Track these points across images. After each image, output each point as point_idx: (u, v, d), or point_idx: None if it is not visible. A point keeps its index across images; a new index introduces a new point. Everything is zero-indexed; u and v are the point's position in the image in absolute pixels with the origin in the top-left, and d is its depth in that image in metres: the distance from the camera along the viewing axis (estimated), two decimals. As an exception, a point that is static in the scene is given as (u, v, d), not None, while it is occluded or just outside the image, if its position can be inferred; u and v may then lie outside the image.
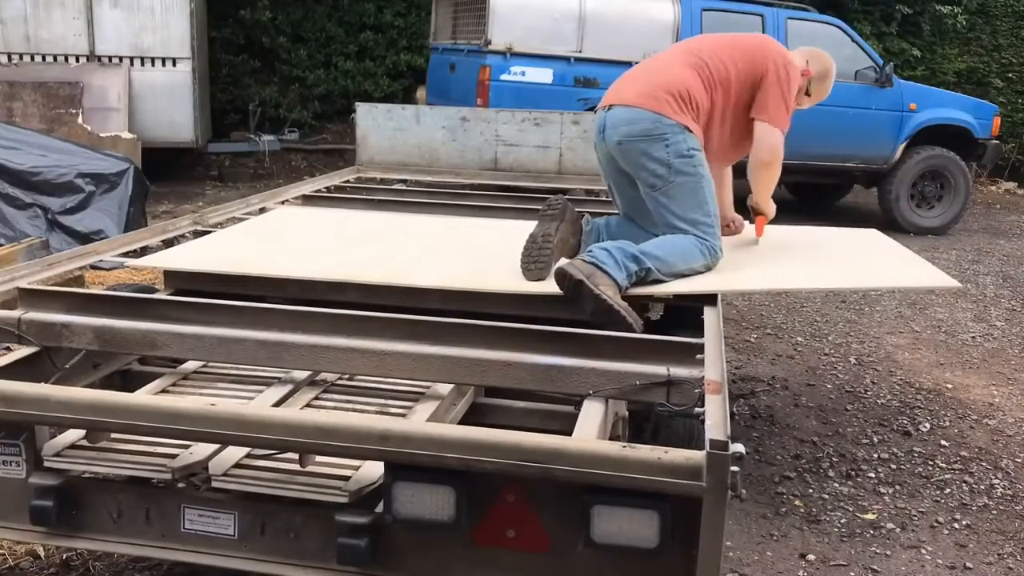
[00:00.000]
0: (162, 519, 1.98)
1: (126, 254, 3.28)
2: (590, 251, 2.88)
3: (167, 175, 9.41)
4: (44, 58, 9.25)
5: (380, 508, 1.84)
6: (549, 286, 2.85)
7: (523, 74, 8.27)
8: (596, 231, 3.25)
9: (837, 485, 3.63)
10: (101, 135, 8.59)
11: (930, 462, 3.90)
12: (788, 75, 3.25)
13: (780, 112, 3.25)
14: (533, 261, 2.94)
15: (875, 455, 3.93)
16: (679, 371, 2.20)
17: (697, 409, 2.03)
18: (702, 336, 2.39)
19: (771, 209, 3.53)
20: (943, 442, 4.11)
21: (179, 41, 9.43)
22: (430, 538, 1.84)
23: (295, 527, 1.93)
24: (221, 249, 3.37)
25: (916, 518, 3.41)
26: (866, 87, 9.15)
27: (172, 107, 9.46)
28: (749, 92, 3.24)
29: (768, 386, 4.75)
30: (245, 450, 2.00)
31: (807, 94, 3.49)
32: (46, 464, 2.01)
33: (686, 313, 2.87)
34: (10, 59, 9.15)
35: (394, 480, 1.76)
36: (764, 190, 3.44)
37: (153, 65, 9.44)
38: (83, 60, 9.25)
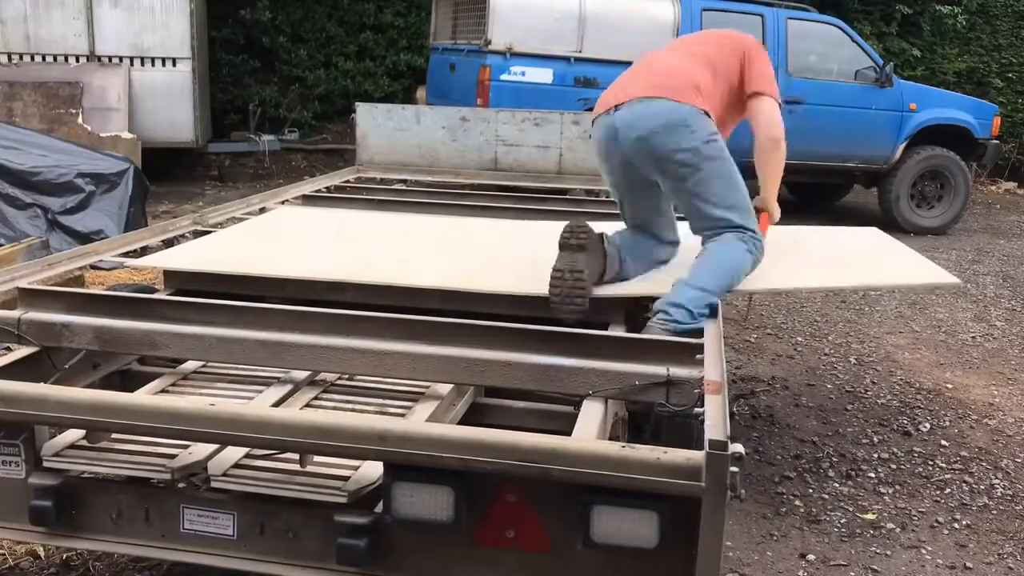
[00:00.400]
0: (161, 519, 1.98)
1: (126, 254, 3.28)
2: (664, 313, 2.67)
3: (167, 175, 9.41)
4: (44, 58, 9.25)
5: (379, 508, 1.84)
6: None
7: (523, 74, 8.27)
8: (617, 248, 3.02)
9: (837, 485, 3.63)
10: (101, 135, 8.59)
11: (930, 462, 3.89)
12: (763, 53, 3.21)
13: (773, 84, 3.17)
14: (569, 302, 2.73)
15: (875, 455, 3.93)
16: (679, 371, 2.20)
17: (697, 409, 2.03)
18: (702, 336, 2.39)
19: (777, 210, 3.36)
20: (943, 442, 4.11)
21: (179, 41, 9.43)
22: (430, 538, 1.85)
23: (294, 527, 1.93)
24: (221, 249, 3.37)
25: (916, 518, 3.41)
26: (866, 87, 9.15)
27: (172, 107, 9.46)
28: (735, 77, 3.15)
29: (768, 386, 4.75)
30: (244, 450, 2.00)
31: None
32: (45, 464, 2.01)
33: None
34: (10, 59, 9.15)
35: (393, 480, 1.77)
36: (773, 178, 3.23)
37: (153, 65, 9.45)
38: (83, 60, 9.26)
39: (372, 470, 1.91)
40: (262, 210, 4.22)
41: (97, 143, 7.94)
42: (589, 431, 2.05)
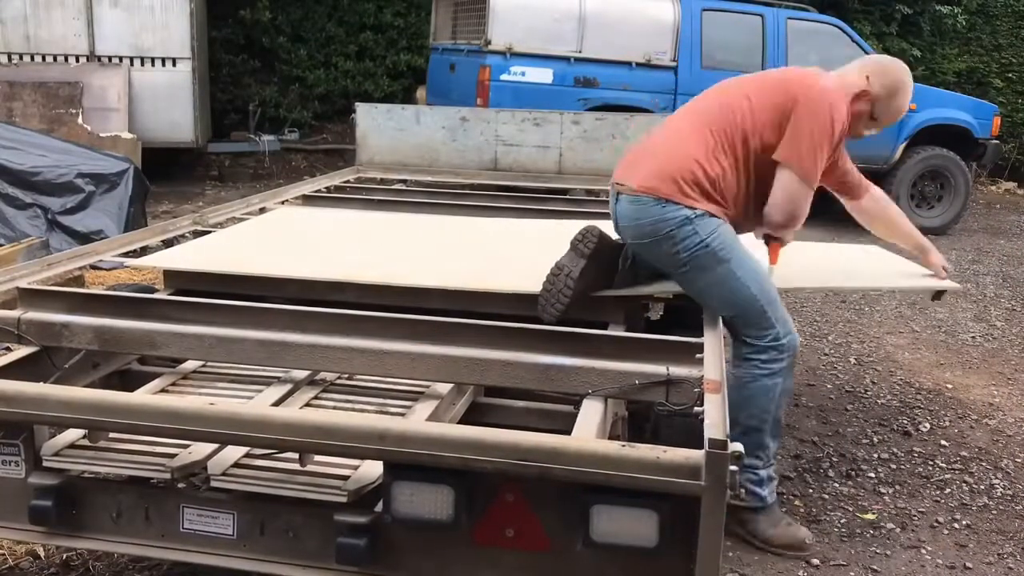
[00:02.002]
0: (161, 519, 1.98)
1: (126, 254, 3.28)
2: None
3: (167, 175, 9.40)
4: (44, 58, 9.25)
5: (379, 507, 1.84)
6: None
7: (523, 74, 8.27)
8: (632, 263, 2.93)
9: (837, 485, 3.63)
10: (101, 135, 8.59)
11: (930, 462, 3.89)
12: (821, 110, 2.78)
13: (804, 151, 2.77)
14: (552, 304, 2.72)
15: (875, 455, 3.93)
16: (678, 370, 2.20)
17: (696, 408, 2.03)
18: (701, 336, 2.39)
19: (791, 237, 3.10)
20: (943, 442, 4.11)
21: (179, 41, 9.43)
22: (429, 537, 1.85)
23: (294, 527, 1.94)
24: (221, 249, 3.37)
25: (916, 518, 3.41)
26: (866, 87, 9.14)
27: (172, 107, 9.46)
28: (773, 134, 2.81)
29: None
30: (244, 450, 2.00)
31: (872, 118, 2.97)
32: (45, 464, 2.01)
33: (686, 313, 2.87)
34: (10, 59, 9.15)
35: (393, 479, 1.77)
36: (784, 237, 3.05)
37: (153, 65, 9.44)
38: (83, 60, 9.25)
39: (372, 469, 1.92)
40: (262, 210, 4.22)
41: (97, 143, 7.94)
42: (589, 430, 2.06)
